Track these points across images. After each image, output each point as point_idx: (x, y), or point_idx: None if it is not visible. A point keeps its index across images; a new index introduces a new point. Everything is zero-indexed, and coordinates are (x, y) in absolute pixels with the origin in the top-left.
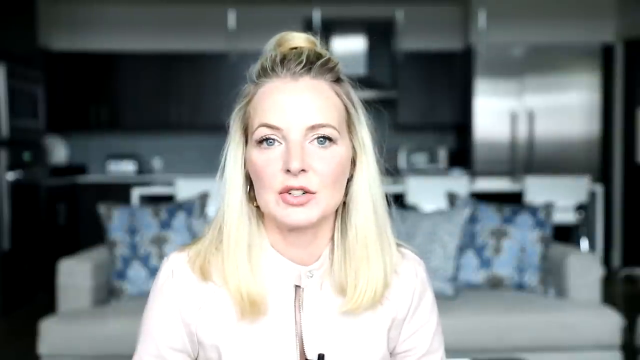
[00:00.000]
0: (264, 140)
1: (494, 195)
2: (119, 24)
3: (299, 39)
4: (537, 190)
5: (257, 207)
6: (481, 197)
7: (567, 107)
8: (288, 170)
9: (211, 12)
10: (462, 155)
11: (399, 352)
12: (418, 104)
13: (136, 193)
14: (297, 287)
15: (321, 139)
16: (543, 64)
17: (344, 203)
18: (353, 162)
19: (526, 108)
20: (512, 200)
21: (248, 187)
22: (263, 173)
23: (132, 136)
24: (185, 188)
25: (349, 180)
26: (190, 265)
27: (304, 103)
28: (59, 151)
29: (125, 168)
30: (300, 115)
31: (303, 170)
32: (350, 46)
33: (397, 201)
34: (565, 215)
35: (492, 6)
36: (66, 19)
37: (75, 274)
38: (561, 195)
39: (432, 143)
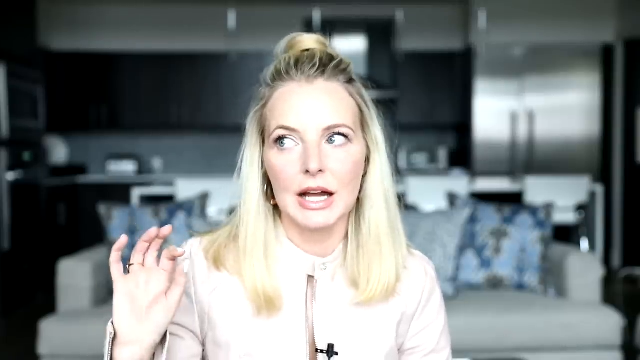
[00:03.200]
0: (280, 141)
1: (494, 195)
2: (119, 24)
3: (310, 41)
4: (537, 190)
5: (274, 205)
6: (481, 197)
7: (567, 107)
8: (307, 171)
9: (211, 12)
10: (462, 155)
11: (407, 349)
12: (418, 104)
13: (136, 193)
14: (309, 278)
15: (337, 137)
16: (543, 64)
17: (358, 199)
18: (367, 160)
19: (526, 108)
20: (512, 200)
21: (265, 185)
22: (282, 175)
23: (132, 136)
24: (185, 188)
25: (363, 176)
26: (204, 253)
27: (319, 105)
28: (59, 151)
29: (125, 168)
30: (317, 116)
31: (320, 170)
32: (350, 46)
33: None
34: (565, 215)
35: (492, 6)
36: (66, 19)
37: (75, 274)
38: (561, 195)
39: (432, 143)
